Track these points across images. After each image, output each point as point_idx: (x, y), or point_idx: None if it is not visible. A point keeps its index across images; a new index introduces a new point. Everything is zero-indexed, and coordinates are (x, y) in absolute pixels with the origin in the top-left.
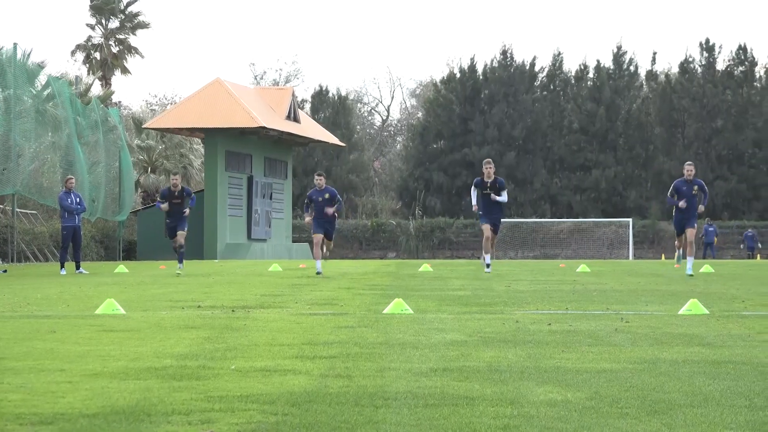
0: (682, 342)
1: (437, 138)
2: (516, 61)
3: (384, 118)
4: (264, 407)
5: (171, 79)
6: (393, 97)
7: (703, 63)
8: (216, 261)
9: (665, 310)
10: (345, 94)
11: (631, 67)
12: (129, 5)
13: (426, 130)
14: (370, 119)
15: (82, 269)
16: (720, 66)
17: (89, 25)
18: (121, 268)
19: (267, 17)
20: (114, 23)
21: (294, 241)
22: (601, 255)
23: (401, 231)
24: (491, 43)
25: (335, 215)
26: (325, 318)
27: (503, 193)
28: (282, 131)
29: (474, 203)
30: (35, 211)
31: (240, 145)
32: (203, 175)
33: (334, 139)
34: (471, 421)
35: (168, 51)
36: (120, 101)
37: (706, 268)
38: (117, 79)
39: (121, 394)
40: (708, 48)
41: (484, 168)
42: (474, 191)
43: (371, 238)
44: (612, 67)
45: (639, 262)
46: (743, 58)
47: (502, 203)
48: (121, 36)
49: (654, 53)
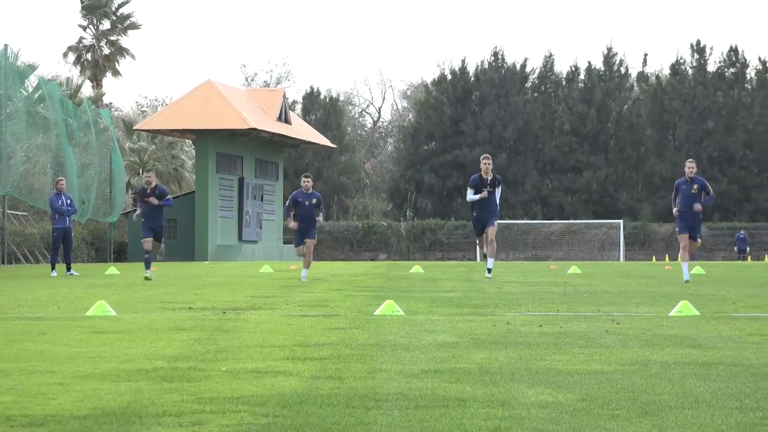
0: (672, 343)
1: (428, 139)
2: (507, 63)
3: (375, 119)
4: (255, 409)
5: (162, 81)
6: (384, 99)
7: (694, 65)
8: (207, 262)
9: (656, 311)
10: (336, 95)
11: (622, 69)
12: (121, 6)
13: (417, 131)
14: (361, 121)
15: (73, 271)
16: (711, 67)
17: (81, 26)
18: (112, 269)
19: (258, 19)
20: (105, 24)
21: (285, 243)
22: (592, 256)
23: (392, 232)
24: (482, 45)
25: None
26: (316, 319)
27: (499, 189)
28: (273, 133)
29: (476, 197)
30: (26, 213)
31: (231, 147)
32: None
33: (325, 141)
34: (462, 423)
35: (159, 52)
36: (111, 103)
37: (696, 269)
38: (108, 81)
39: (112, 395)
40: (699, 49)
41: (481, 163)
42: (471, 193)
43: (362, 239)
44: (603, 69)
45: (630, 263)
46: (734, 59)
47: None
48: (113, 37)
49: (645, 55)
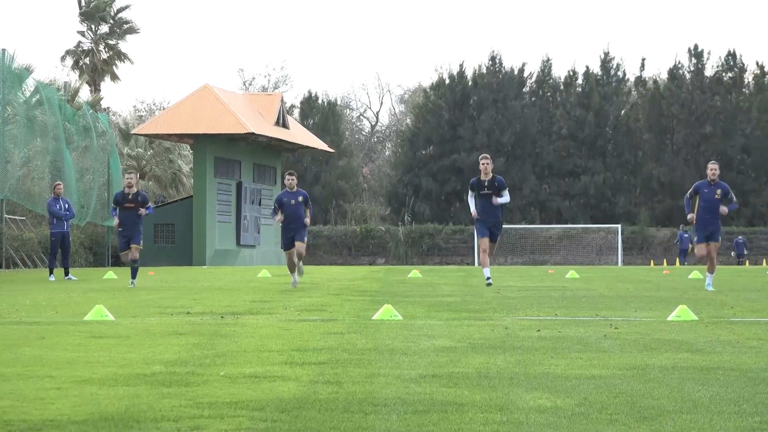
0: (671, 348)
1: (426, 144)
2: (505, 67)
3: (373, 123)
4: (253, 414)
5: (159, 85)
6: (382, 103)
7: (692, 69)
8: (205, 267)
9: (654, 316)
10: (334, 99)
11: (620, 73)
12: (119, 12)
13: (415, 136)
14: (358, 125)
15: (71, 275)
16: (709, 72)
17: (80, 32)
18: (110, 274)
19: (255, 23)
20: (104, 29)
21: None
22: (590, 261)
23: (390, 237)
24: (480, 49)
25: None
26: (315, 324)
27: (504, 193)
28: (271, 137)
29: (473, 210)
30: (24, 217)
31: (229, 151)
32: (192, 181)
33: (323, 145)
34: (460, 428)
35: (157, 57)
36: (108, 107)
37: (694, 274)
38: (105, 86)
39: (110, 400)
40: (697, 54)
41: (480, 164)
42: (471, 195)
43: (360, 244)
44: (600, 73)
45: (628, 268)
46: (732, 64)
47: (503, 205)
48: (111, 42)
49: (643, 59)
